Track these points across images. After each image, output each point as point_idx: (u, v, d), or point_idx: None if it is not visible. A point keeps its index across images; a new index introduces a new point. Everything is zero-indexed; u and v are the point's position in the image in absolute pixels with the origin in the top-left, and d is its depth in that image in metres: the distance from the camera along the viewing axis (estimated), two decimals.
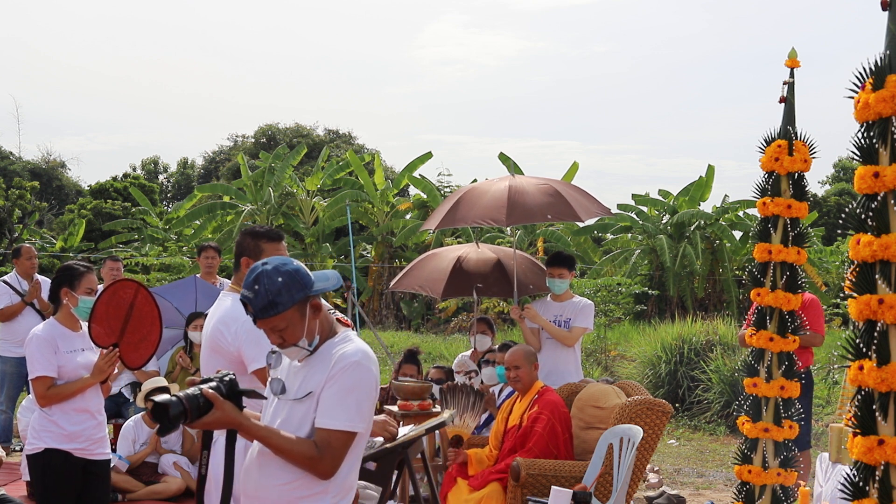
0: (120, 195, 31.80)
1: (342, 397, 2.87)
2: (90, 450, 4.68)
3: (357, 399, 2.88)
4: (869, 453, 2.62)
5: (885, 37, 2.72)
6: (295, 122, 42.90)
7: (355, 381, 2.89)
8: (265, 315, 2.89)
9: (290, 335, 2.94)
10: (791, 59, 3.97)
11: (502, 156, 23.20)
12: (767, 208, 3.95)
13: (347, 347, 2.95)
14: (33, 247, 8.93)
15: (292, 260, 3.02)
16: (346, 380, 2.89)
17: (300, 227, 24.06)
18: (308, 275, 2.96)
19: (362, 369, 2.91)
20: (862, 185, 2.73)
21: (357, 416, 2.88)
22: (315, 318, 2.96)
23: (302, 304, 2.92)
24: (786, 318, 3.94)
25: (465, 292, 8.23)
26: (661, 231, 22.72)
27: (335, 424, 2.85)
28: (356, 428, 2.88)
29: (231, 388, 2.87)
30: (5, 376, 8.78)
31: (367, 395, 2.91)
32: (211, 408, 2.79)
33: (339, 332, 3.03)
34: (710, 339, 11.94)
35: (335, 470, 2.89)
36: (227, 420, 2.82)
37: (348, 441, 2.88)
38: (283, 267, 2.92)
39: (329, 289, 2.99)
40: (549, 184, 7.22)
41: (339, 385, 2.88)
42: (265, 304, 2.87)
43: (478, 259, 8.24)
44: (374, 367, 2.96)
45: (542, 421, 5.84)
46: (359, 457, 3.03)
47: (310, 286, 2.93)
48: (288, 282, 2.89)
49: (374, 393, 2.95)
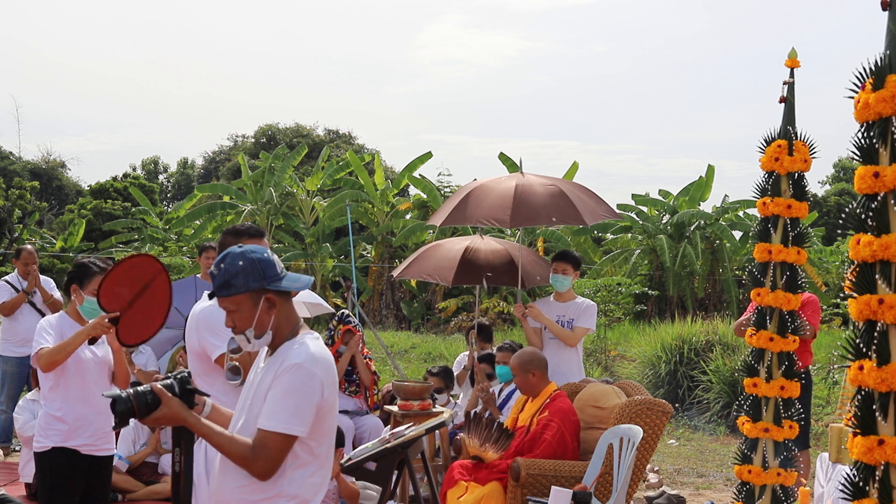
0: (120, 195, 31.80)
1: (281, 399, 2.86)
2: (97, 445, 4.71)
3: (296, 402, 2.86)
4: (869, 453, 2.62)
5: (885, 37, 2.72)
6: (295, 122, 42.92)
7: (295, 384, 2.87)
8: (220, 293, 2.96)
9: (240, 321, 2.98)
10: (791, 59, 3.97)
11: (502, 156, 23.19)
12: (767, 208, 3.95)
13: (296, 349, 2.95)
14: (34, 248, 8.91)
15: (267, 251, 3.04)
16: (286, 382, 2.88)
17: (300, 227, 24.05)
18: (273, 269, 2.97)
19: (303, 372, 2.88)
20: (862, 185, 2.73)
21: (295, 418, 2.85)
22: (269, 313, 2.97)
23: (257, 294, 2.95)
24: (786, 318, 3.94)
25: (474, 280, 8.23)
26: (661, 231, 22.72)
27: (271, 426, 2.84)
28: (293, 431, 2.85)
29: (182, 386, 2.92)
30: (6, 376, 8.78)
31: (306, 399, 2.87)
32: (160, 404, 2.84)
33: (300, 334, 3.02)
34: (710, 339, 11.93)
35: (270, 471, 2.87)
36: (173, 416, 2.86)
37: (285, 443, 2.85)
38: (249, 254, 2.97)
39: (293, 289, 3.01)
40: (556, 185, 7.13)
41: (280, 387, 2.89)
42: (221, 283, 2.95)
43: (486, 249, 8.25)
44: (318, 370, 2.91)
45: (552, 428, 5.81)
46: (322, 464, 3.00)
47: (269, 280, 2.95)
48: (247, 268, 2.94)
49: (317, 396, 2.89)
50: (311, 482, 2.97)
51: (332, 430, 3.06)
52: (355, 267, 16.22)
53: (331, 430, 3.04)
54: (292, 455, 2.90)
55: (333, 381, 2.99)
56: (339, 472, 5.72)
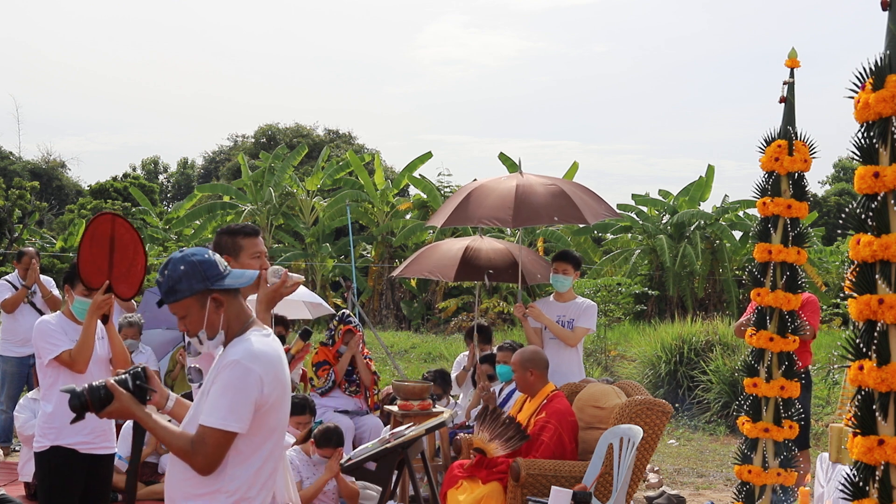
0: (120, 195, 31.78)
1: (218, 396, 2.88)
2: (96, 443, 4.72)
3: (232, 398, 2.86)
4: (869, 453, 2.62)
5: (885, 37, 2.72)
6: (295, 122, 42.91)
7: (232, 380, 2.88)
8: (167, 300, 3.00)
9: (191, 325, 3.01)
10: (791, 59, 3.97)
11: (502, 156, 23.20)
12: (767, 208, 3.96)
13: (237, 346, 2.96)
14: (35, 250, 8.92)
15: (206, 252, 3.05)
16: (224, 379, 2.89)
17: (300, 227, 24.06)
18: (215, 269, 2.99)
19: (241, 368, 2.88)
20: (862, 185, 2.74)
21: (231, 415, 2.85)
22: (217, 313, 2.99)
23: (202, 295, 2.97)
24: (786, 318, 3.94)
25: (476, 277, 8.27)
26: (661, 231, 22.72)
27: (208, 421, 2.86)
28: (229, 427, 2.85)
29: (134, 381, 2.95)
30: (6, 376, 8.78)
31: (243, 395, 2.87)
32: (112, 399, 2.89)
33: (248, 331, 3.02)
34: (710, 339, 11.93)
35: (210, 466, 2.88)
36: (124, 411, 2.90)
37: (222, 439, 2.86)
38: (190, 257, 3.00)
39: (236, 286, 3.02)
40: (557, 184, 7.14)
41: (218, 384, 2.90)
42: (166, 290, 2.98)
43: (488, 248, 8.31)
44: (256, 367, 2.90)
45: (549, 430, 5.81)
46: (268, 461, 2.99)
47: (212, 279, 2.97)
48: (189, 271, 2.96)
49: (254, 392, 2.89)
50: (255, 479, 2.95)
51: (279, 428, 3.03)
52: (355, 267, 16.23)
53: (277, 428, 3.02)
54: (234, 451, 2.90)
55: (276, 377, 2.96)
56: (339, 472, 5.73)
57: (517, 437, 5.80)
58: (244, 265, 3.96)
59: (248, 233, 4.02)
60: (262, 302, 3.94)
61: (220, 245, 4.02)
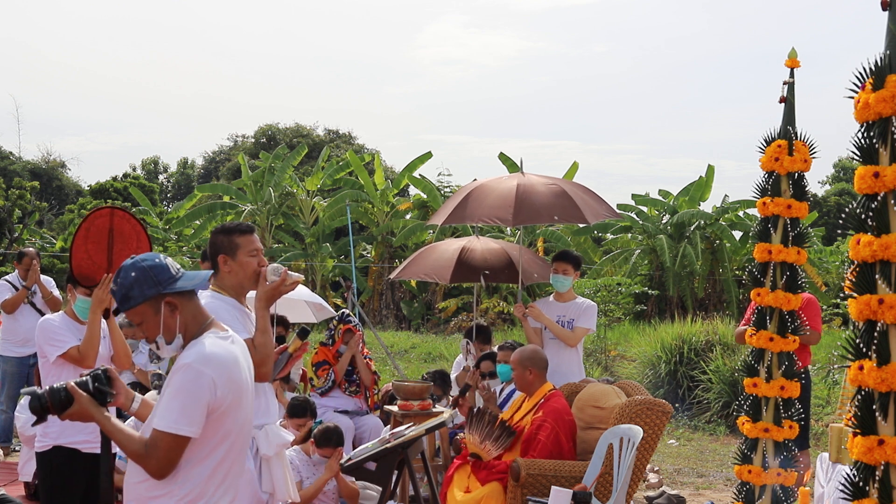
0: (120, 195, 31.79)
1: (170, 399, 2.86)
2: (97, 443, 4.71)
3: (183, 402, 2.84)
4: (869, 453, 2.62)
5: (885, 37, 2.73)
6: (295, 122, 42.92)
7: (183, 384, 2.86)
8: (122, 308, 2.99)
9: (147, 330, 3.00)
10: (791, 59, 3.97)
11: (502, 156, 23.20)
12: (767, 208, 3.96)
13: (191, 349, 2.94)
14: (36, 251, 8.92)
15: (157, 256, 3.04)
16: (175, 382, 2.88)
17: (300, 227, 24.06)
18: (166, 273, 2.98)
19: (192, 372, 2.87)
20: (862, 185, 2.74)
21: (182, 418, 2.83)
22: (173, 317, 2.98)
23: (155, 300, 2.96)
24: (786, 318, 3.95)
25: (472, 278, 8.27)
26: (661, 231, 22.72)
27: (160, 425, 2.84)
28: (181, 431, 2.82)
29: (94, 383, 2.94)
30: (6, 376, 8.79)
31: (194, 399, 2.85)
32: (73, 401, 2.88)
33: (205, 334, 3.00)
34: (710, 339, 11.93)
35: (163, 470, 2.86)
36: (84, 413, 2.89)
37: (174, 443, 2.83)
38: (140, 262, 2.99)
39: (189, 288, 3.00)
40: (558, 184, 7.16)
41: (170, 387, 2.89)
42: (120, 298, 2.98)
43: (483, 248, 8.31)
44: (208, 369, 2.88)
45: (545, 429, 5.81)
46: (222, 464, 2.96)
47: (164, 284, 2.96)
48: (140, 277, 2.95)
49: (206, 395, 2.86)
50: (208, 483, 2.93)
51: (237, 431, 3.00)
52: (355, 267, 16.22)
53: (234, 431, 2.99)
54: (186, 454, 2.88)
55: (231, 379, 2.94)
56: (339, 472, 5.73)
57: (505, 435, 5.82)
58: (241, 263, 3.96)
59: (243, 231, 4.01)
60: (261, 300, 3.94)
61: (216, 244, 4.01)
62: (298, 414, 6.30)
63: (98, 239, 4.63)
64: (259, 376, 3.87)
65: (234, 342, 3.06)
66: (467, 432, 5.95)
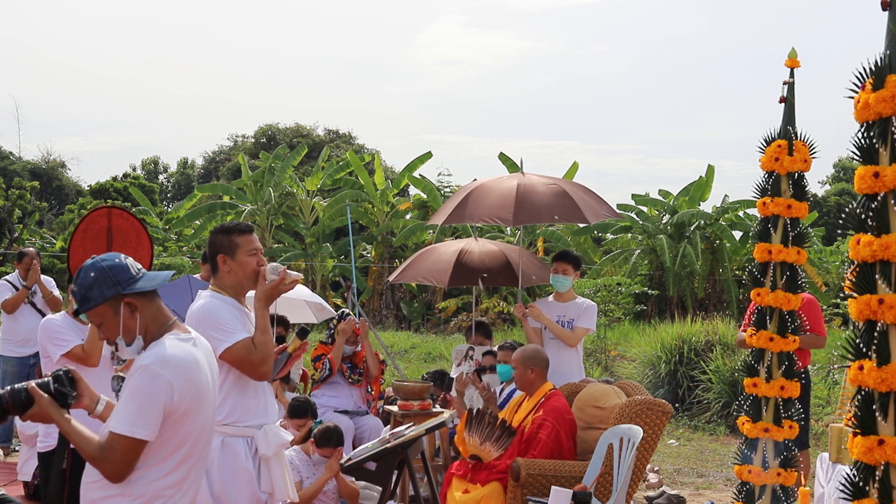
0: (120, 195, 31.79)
1: (126, 401, 2.84)
2: None
3: (139, 404, 2.81)
4: (869, 453, 2.62)
5: (885, 37, 2.72)
6: (295, 122, 42.92)
7: (139, 386, 2.84)
8: (82, 309, 2.97)
9: (107, 332, 2.98)
10: (791, 59, 3.97)
11: (502, 156, 23.20)
12: (767, 208, 3.95)
13: (149, 351, 2.92)
14: (36, 250, 8.91)
15: (117, 256, 3.02)
16: (132, 384, 2.86)
17: (300, 227, 24.06)
18: (126, 273, 2.96)
19: (148, 374, 2.84)
20: (862, 185, 2.74)
21: (138, 421, 2.80)
22: (132, 318, 2.96)
23: (115, 301, 2.94)
24: (786, 318, 3.94)
25: (470, 281, 8.26)
26: (661, 231, 22.71)
27: (116, 428, 2.82)
28: (136, 434, 2.80)
29: (55, 384, 2.92)
30: (6, 376, 8.78)
31: (150, 401, 2.82)
32: (34, 402, 2.86)
33: (165, 335, 2.97)
34: (710, 339, 11.93)
35: (119, 473, 2.83)
36: (43, 414, 2.86)
37: (129, 446, 2.80)
38: (100, 263, 2.97)
39: (149, 288, 2.98)
40: (558, 184, 7.17)
41: (127, 389, 2.87)
42: (80, 298, 2.96)
43: (480, 251, 8.30)
44: (165, 372, 2.84)
45: (546, 428, 5.81)
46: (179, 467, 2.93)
47: (123, 284, 2.94)
48: (99, 278, 2.93)
49: (162, 398, 2.83)
50: (163, 484, 2.90)
51: (197, 434, 2.97)
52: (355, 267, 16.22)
53: (194, 434, 2.96)
54: (143, 457, 2.85)
55: (189, 382, 2.91)
56: (338, 472, 5.73)
57: (505, 435, 5.82)
58: (241, 263, 3.95)
59: (242, 230, 4.01)
60: (260, 299, 3.94)
61: (215, 244, 4.00)
62: (299, 414, 6.29)
63: (97, 238, 4.64)
64: (259, 376, 3.87)
65: (196, 344, 3.02)
66: (466, 434, 5.94)
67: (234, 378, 3.83)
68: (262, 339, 3.84)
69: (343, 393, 7.84)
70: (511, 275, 8.02)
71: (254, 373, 3.83)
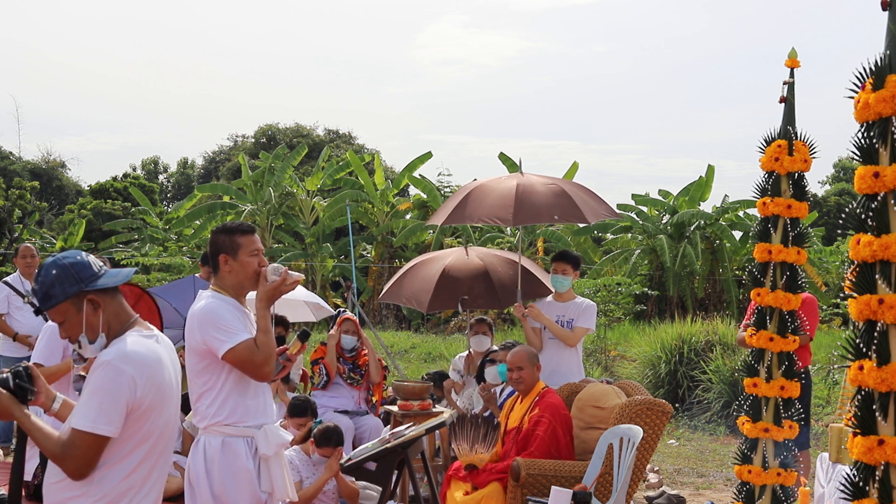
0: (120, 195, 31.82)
1: (88, 398, 2.83)
2: None
3: (100, 400, 2.80)
4: (869, 453, 2.62)
5: (885, 37, 2.72)
6: (295, 122, 42.90)
7: (101, 382, 2.82)
8: (44, 306, 2.95)
9: (70, 330, 2.96)
10: (791, 59, 3.97)
11: (502, 156, 23.19)
12: (767, 208, 3.95)
13: (111, 347, 2.91)
14: (33, 246, 8.91)
15: (79, 253, 3.01)
16: (94, 380, 2.85)
17: (300, 227, 24.05)
18: (88, 270, 2.94)
19: (111, 370, 2.83)
20: (862, 185, 2.73)
21: (100, 417, 2.78)
22: (95, 315, 2.94)
23: (77, 298, 2.92)
24: (786, 318, 3.94)
25: (450, 305, 7.97)
26: (661, 231, 22.71)
27: (77, 424, 2.81)
28: (97, 430, 2.78)
29: (14, 380, 2.91)
30: None
31: (112, 397, 2.81)
32: None
33: (128, 332, 2.96)
34: (710, 339, 11.94)
35: (81, 470, 2.82)
36: (3, 411, 2.85)
37: (92, 442, 2.79)
38: (61, 260, 2.95)
39: (111, 285, 2.97)
40: (558, 183, 7.15)
41: (89, 385, 2.85)
42: (41, 296, 2.94)
43: (464, 269, 7.96)
44: (128, 368, 2.84)
45: (543, 424, 5.83)
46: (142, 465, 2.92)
47: (85, 281, 2.92)
48: (61, 275, 2.91)
49: (125, 394, 2.82)
50: (126, 483, 2.90)
51: (159, 432, 2.96)
52: (355, 267, 16.22)
53: (156, 432, 2.95)
54: (106, 454, 2.84)
55: (152, 378, 2.90)
56: (338, 472, 5.73)
57: (490, 428, 5.82)
58: (242, 263, 3.95)
59: (245, 231, 4.00)
60: (261, 300, 3.93)
61: (217, 243, 3.99)
62: (299, 413, 6.30)
63: None
64: (261, 376, 3.87)
65: (158, 341, 3.01)
66: (454, 444, 5.93)
67: (234, 379, 3.83)
68: (264, 339, 3.84)
69: (343, 393, 7.84)
70: (492, 297, 7.78)
71: (256, 373, 3.83)
